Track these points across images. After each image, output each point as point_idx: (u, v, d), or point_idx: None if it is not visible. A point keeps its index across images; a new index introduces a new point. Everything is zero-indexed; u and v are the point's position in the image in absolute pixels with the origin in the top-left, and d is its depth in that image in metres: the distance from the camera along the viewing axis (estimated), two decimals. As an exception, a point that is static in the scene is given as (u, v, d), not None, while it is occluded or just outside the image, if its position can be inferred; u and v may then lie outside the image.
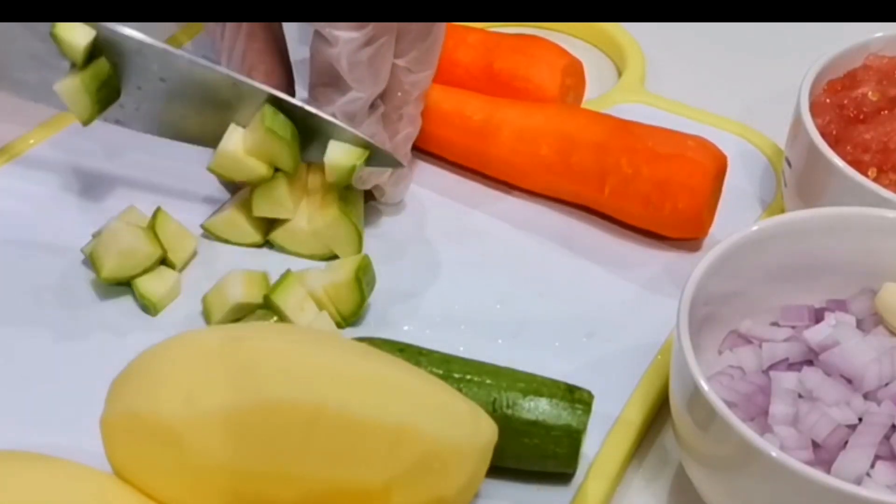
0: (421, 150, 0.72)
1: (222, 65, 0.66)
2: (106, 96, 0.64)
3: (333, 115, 0.63)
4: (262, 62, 0.66)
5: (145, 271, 0.62)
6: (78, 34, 0.62)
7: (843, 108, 0.64)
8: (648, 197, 0.65)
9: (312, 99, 0.64)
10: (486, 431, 0.50)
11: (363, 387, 0.47)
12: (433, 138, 0.71)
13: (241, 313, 0.61)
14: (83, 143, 0.70)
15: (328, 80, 0.63)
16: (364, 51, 0.62)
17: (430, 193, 0.69)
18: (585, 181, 0.67)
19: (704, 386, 0.49)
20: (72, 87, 0.62)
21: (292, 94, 0.68)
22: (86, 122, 0.64)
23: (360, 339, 0.56)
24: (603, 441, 0.57)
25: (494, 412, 0.53)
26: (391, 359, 0.50)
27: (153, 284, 0.62)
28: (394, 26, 0.63)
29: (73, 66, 0.62)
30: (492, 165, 0.70)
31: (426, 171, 0.71)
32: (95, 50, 0.62)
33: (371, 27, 0.61)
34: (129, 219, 0.64)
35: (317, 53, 0.63)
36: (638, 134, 0.66)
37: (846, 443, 0.50)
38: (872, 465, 0.49)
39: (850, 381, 0.52)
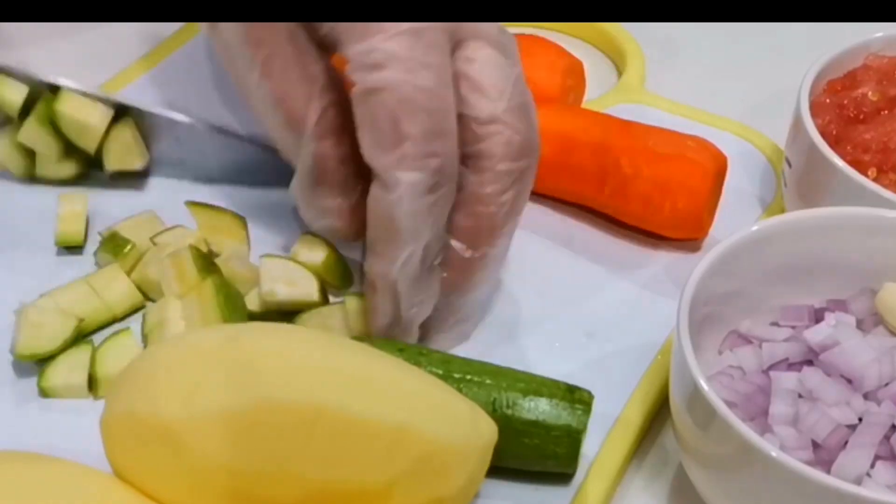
0: None
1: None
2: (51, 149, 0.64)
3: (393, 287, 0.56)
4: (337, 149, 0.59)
5: (55, 354, 0.58)
6: (12, 90, 0.64)
7: (843, 108, 0.64)
8: (648, 197, 0.65)
9: (370, 252, 0.56)
10: (485, 432, 0.50)
11: (363, 387, 0.47)
12: None
13: None
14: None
15: (385, 234, 0.55)
16: (425, 198, 0.54)
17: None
18: (585, 181, 0.67)
19: (704, 386, 0.49)
20: (3, 145, 0.65)
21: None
22: (22, 177, 0.66)
23: (360, 339, 0.56)
24: (603, 441, 0.57)
25: (494, 412, 0.53)
26: (391, 359, 0.50)
27: (60, 372, 0.58)
28: (455, 174, 0.55)
29: (9, 121, 0.64)
30: None
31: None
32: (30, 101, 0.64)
33: (434, 172, 0.54)
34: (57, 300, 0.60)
35: (374, 202, 0.55)
36: (638, 134, 0.66)
37: (846, 443, 0.50)
38: (872, 465, 0.49)
39: (850, 381, 0.52)
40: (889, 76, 0.66)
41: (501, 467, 0.53)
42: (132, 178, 0.67)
